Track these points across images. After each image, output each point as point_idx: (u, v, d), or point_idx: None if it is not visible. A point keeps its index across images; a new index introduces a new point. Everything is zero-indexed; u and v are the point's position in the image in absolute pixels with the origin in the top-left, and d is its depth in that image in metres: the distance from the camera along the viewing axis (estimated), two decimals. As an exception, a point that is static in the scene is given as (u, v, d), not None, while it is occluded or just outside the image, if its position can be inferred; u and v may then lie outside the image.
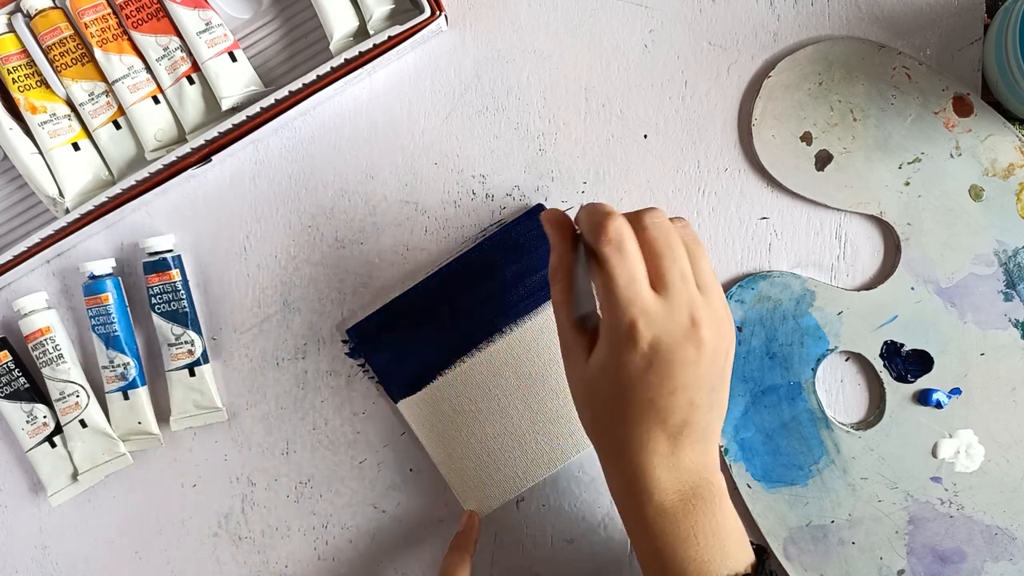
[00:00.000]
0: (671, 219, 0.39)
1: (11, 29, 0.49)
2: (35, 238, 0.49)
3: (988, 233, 0.47)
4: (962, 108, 0.47)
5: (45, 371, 0.50)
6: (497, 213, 0.51)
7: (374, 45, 0.47)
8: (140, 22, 0.48)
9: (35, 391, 0.50)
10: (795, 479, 0.48)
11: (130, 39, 0.49)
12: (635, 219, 0.38)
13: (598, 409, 0.38)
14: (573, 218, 0.41)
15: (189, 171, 0.49)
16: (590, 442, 0.49)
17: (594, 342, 0.38)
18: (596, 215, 0.37)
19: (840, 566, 0.47)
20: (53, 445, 0.50)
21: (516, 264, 0.49)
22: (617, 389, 0.37)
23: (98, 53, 0.48)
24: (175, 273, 0.50)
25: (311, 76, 0.47)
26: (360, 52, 0.47)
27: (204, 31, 0.48)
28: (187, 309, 0.50)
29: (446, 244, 0.51)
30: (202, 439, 0.52)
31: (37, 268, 0.52)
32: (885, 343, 0.48)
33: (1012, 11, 0.43)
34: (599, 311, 0.38)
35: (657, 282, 0.36)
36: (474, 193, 0.51)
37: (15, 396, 0.50)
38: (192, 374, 0.50)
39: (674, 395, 0.36)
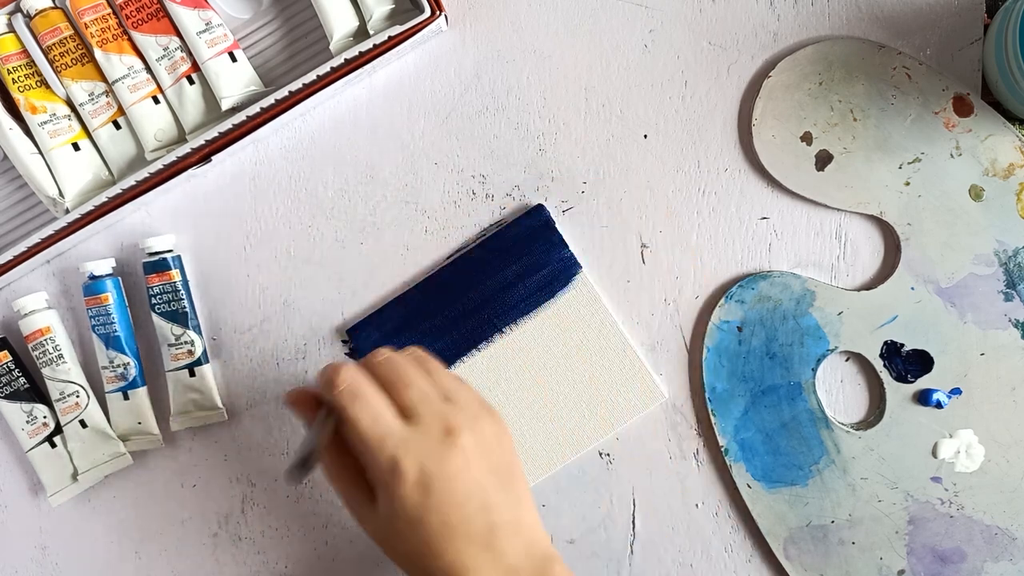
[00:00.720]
0: (398, 351, 0.40)
1: (11, 29, 0.49)
2: (35, 238, 0.49)
3: (988, 233, 0.47)
4: (962, 108, 0.47)
5: (45, 371, 0.50)
6: (497, 213, 0.51)
7: (374, 45, 0.47)
8: (140, 22, 0.48)
9: (35, 391, 0.50)
10: (795, 479, 0.48)
11: (130, 39, 0.49)
12: (362, 365, 0.39)
13: (404, 553, 0.38)
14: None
15: (189, 171, 0.49)
16: (590, 443, 0.49)
17: (374, 495, 0.38)
18: (326, 372, 0.38)
19: (840, 566, 0.47)
20: (53, 445, 0.50)
21: (516, 264, 0.49)
22: (410, 526, 0.36)
23: (98, 53, 0.48)
24: (175, 273, 0.50)
25: (311, 76, 0.47)
26: (360, 52, 0.47)
27: (204, 31, 0.48)
28: (187, 309, 0.50)
29: (446, 244, 0.51)
30: (202, 439, 0.52)
31: (37, 268, 0.52)
32: (885, 343, 0.48)
33: (1012, 11, 0.43)
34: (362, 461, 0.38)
35: (403, 410, 0.37)
36: (474, 193, 0.51)
37: (15, 396, 0.50)
38: (192, 374, 0.50)
39: (463, 507, 0.36)
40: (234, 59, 0.49)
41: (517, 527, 0.37)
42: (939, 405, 0.47)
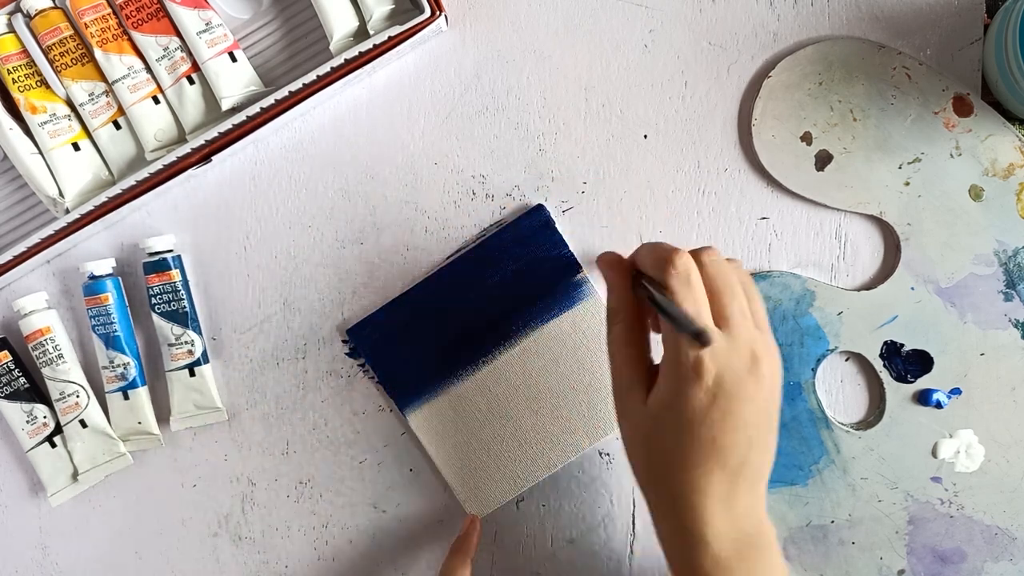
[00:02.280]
0: (727, 260, 0.39)
1: (11, 29, 0.49)
2: (35, 238, 0.49)
3: (988, 233, 0.47)
4: (962, 108, 0.47)
5: (45, 371, 0.50)
6: (497, 213, 0.51)
7: (374, 45, 0.47)
8: (140, 22, 0.48)
9: (35, 391, 0.50)
10: (795, 479, 0.48)
11: (130, 39, 0.49)
12: (694, 256, 0.38)
13: (655, 452, 0.37)
14: (628, 257, 0.41)
15: (189, 171, 0.49)
16: (590, 443, 0.49)
17: (652, 381, 0.38)
18: (661, 251, 0.38)
19: (840, 566, 0.47)
20: (53, 445, 0.50)
21: (516, 264, 0.49)
22: (679, 427, 0.36)
23: (98, 53, 0.48)
24: (175, 273, 0.50)
25: (311, 76, 0.47)
26: (360, 52, 0.47)
27: (204, 31, 0.48)
28: (187, 309, 0.50)
29: (446, 244, 0.51)
30: (202, 439, 0.52)
31: (37, 268, 0.52)
32: (885, 343, 0.48)
33: (1012, 11, 0.43)
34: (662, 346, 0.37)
35: (719, 318, 0.37)
36: (474, 193, 0.51)
37: (15, 396, 0.50)
38: (192, 374, 0.50)
39: (736, 432, 0.35)
40: (234, 59, 0.49)
41: (758, 477, 0.37)
42: (939, 405, 0.47)
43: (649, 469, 0.38)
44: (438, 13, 0.47)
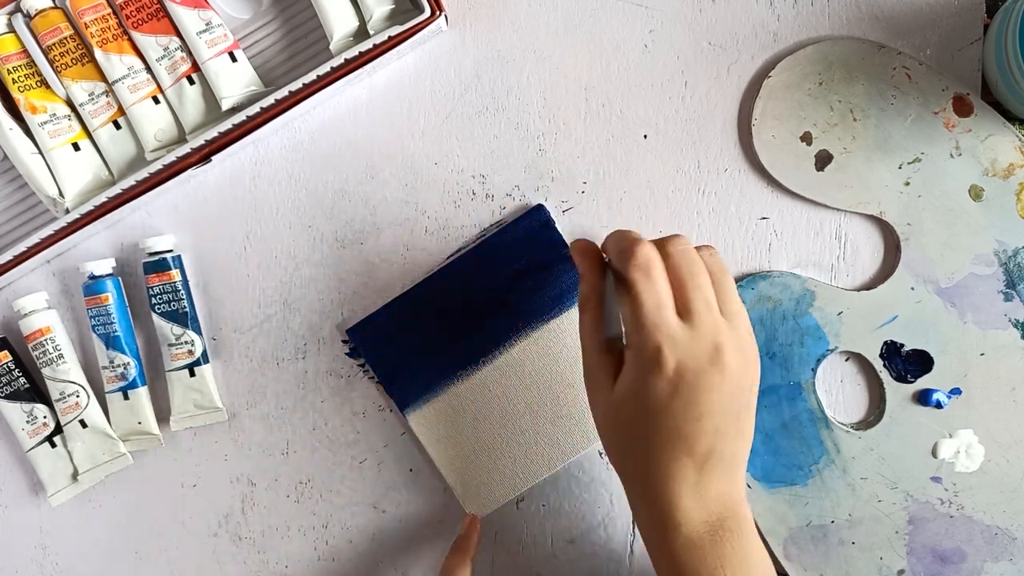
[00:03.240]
0: (698, 247, 0.39)
1: (11, 29, 0.49)
2: (35, 238, 0.49)
3: (988, 233, 0.47)
4: (962, 108, 0.47)
5: (45, 371, 0.50)
6: (497, 213, 0.51)
7: (374, 45, 0.47)
8: (140, 22, 0.48)
9: (35, 391, 0.50)
10: (795, 479, 0.48)
11: (130, 39, 0.49)
12: (660, 246, 0.38)
13: (624, 436, 0.38)
14: (600, 245, 0.41)
15: (189, 171, 0.49)
16: (590, 443, 0.49)
17: (619, 368, 0.38)
18: (624, 241, 0.38)
19: (840, 566, 0.47)
20: (53, 445, 0.50)
21: (516, 264, 0.49)
22: (643, 414, 0.37)
23: (98, 53, 0.48)
24: (175, 273, 0.50)
25: (311, 76, 0.47)
26: (360, 52, 0.47)
27: (204, 31, 0.48)
28: (187, 309, 0.50)
29: (446, 244, 0.51)
30: (202, 439, 0.52)
31: (37, 268, 0.52)
32: (885, 343, 0.48)
33: (1012, 11, 0.43)
34: (624, 339, 0.38)
35: (682, 309, 0.37)
36: (474, 193, 0.51)
37: (15, 396, 0.50)
38: (192, 374, 0.50)
39: (700, 421, 0.36)
40: (234, 59, 0.49)
41: (731, 463, 0.37)
42: (939, 405, 0.47)
43: (620, 454, 0.39)
44: (438, 13, 0.47)
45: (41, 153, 0.49)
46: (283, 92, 0.47)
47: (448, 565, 0.46)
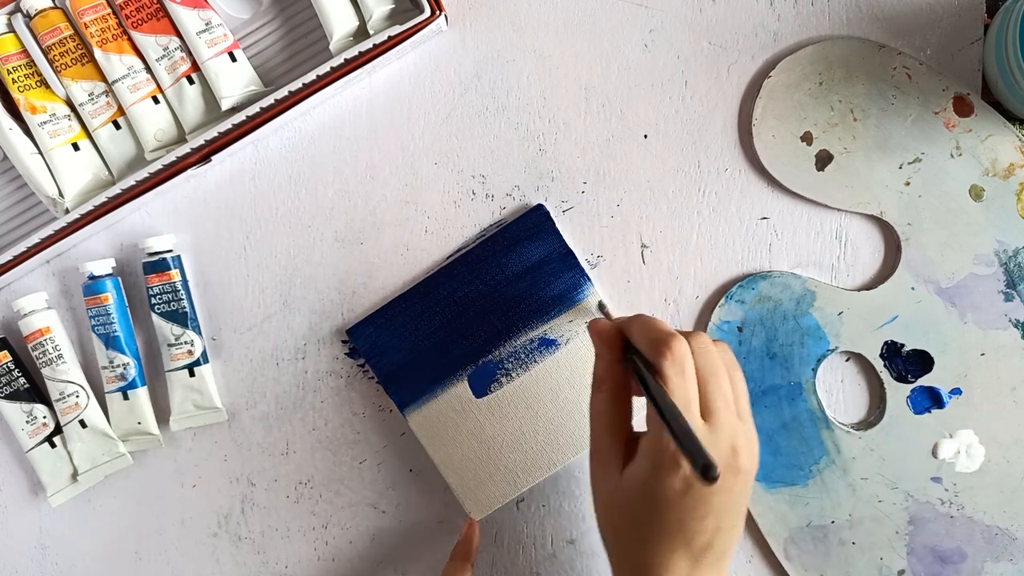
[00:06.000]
0: (714, 342, 0.39)
1: (11, 29, 0.49)
2: (35, 238, 0.49)
3: (988, 233, 0.47)
4: (962, 108, 0.47)
5: (45, 371, 0.50)
6: (497, 213, 0.50)
7: (374, 45, 0.47)
8: (140, 22, 0.48)
9: (35, 391, 0.50)
10: (795, 479, 0.48)
11: (130, 39, 0.49)
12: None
13: (624, 523, 0.38)
14: (620, 326, 0.41)
15: (189, 171, 0.49)
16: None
17: (629, 455, 0.38)
18: (657, 331, 0.38)
19: (840, 566, 0.47)
20: (53, 445, 0.50)
21: (516, 264, 0.49)
22: (649, 506, 0.36)
23: (98, 53, 0.48)
24: (175, 273, 0.50)
25: (311, 76, 0.47)
26: (360, 52, 0.47)
27: (204, 31, 0.48)
28: (187, 309, 0.50)
29: (446, 244, 0.51)
30: (202, 439, 0.52)
31: (37, 268, 0.52)
32: (885, 343, 0.48)
33: (1012, 11, 0.43)
34: (644, 427, 0.38)
35: (704, 408, 0.37)
36: (474, 193, 0.51)
37: (15, 396, 0.50)
38: (192, 374, 0.50)
39: (705, 520, 0.36)
40: (234, 59, 0.49)
41: (722, 556, 0.38)
42: (937, 403, 0.47)
43: (616, 538, 0.39)
44: (438, 13, 0.47)
45: (41, 153, 0.49)
46: (283, 92, 0.47)
47: (447, 570, 0.46)
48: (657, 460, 0.36)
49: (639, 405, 0.40)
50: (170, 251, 0.50)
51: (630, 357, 0.39)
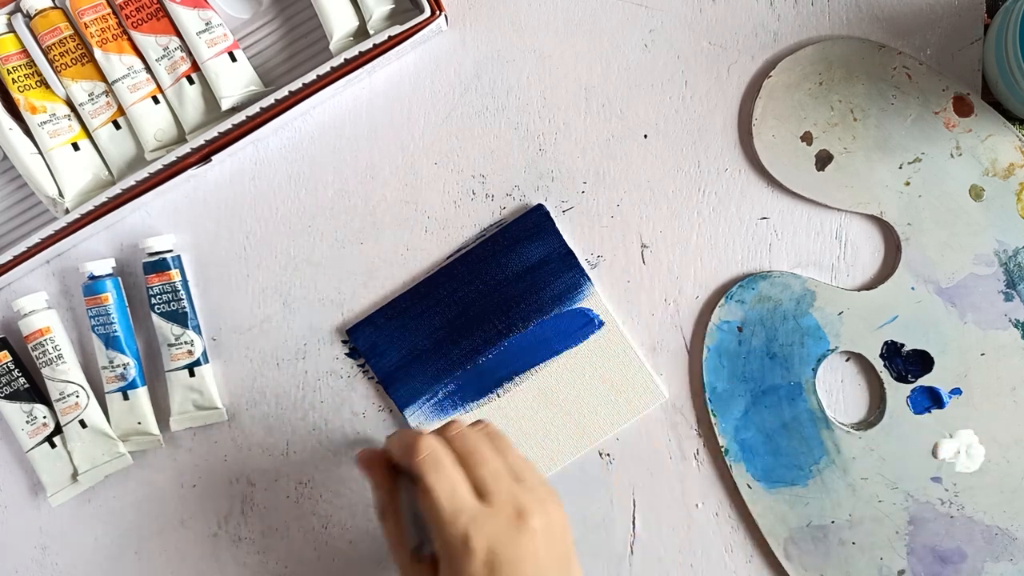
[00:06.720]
0: (471, 425, 0.41)
1: (11, 29, 0.49)
2: (35, 238, 0.49)
3: (988, 233, 0.47)
4: (962, 108, 0.47)
5: (45, 371, 0.50)
6: (497, 213, 0.50)
7: (374, 45, 0.47)
8: (140, 22, 0.48)
9: (35, 391, 0.50)
10: (795, 479, 0.48)
11: (130, 39, 0.49)
12: (439, 434, 0.39)
13: None
14: (382, 451, 0.42)
15: (189, 171, 0.49)
16: (590, 442, 0.49)
17: (435, 568, 0.38)
18: (405, 438, 0.39)
19: (840, 566, 0.47)
20: (53, 445, 0.50)
21: (516, 264, 0.49)
22: None
23: (98, 53, 0.48)
24: (175, 273, 0.50)
25: (311, 76, 0.47)
26: (360, 52, 0.47)
27: (204, 31, 0.48)
28: (187, 309, 0.50)
29: (446, 244, 0.51)
30: (202, 439, 0.52)
31: (37, 268, 0.52)
32: (885, 343, 0.48)
33: (1012, 11, 0.43)
34: (431, 536, 0.38)
35: (476, 487, 0.37)
36: (474, 193, 0.51)
37: (15, 396, 0.50)
38: (192, 374, 0.50)
39: None
40: (234, 59, 0.49)
41: None
42: (937, 405, 0.47)
43: None
44: (438, 13, 0.47)
45: (41, 153, 0.49)
46: (283, 92, 0.47)
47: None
48: (452, 556, 0.36)
49: None
50: (170, 251, 0.50)
51: (400, 477, 0.41)
